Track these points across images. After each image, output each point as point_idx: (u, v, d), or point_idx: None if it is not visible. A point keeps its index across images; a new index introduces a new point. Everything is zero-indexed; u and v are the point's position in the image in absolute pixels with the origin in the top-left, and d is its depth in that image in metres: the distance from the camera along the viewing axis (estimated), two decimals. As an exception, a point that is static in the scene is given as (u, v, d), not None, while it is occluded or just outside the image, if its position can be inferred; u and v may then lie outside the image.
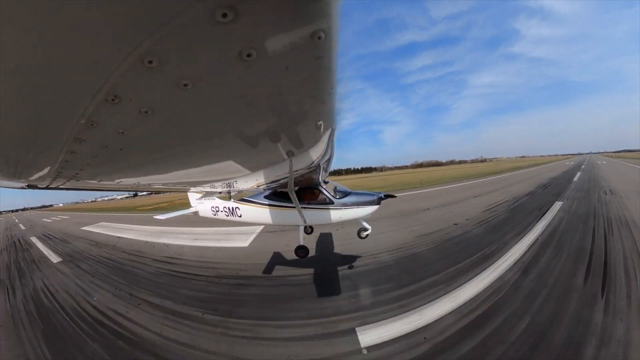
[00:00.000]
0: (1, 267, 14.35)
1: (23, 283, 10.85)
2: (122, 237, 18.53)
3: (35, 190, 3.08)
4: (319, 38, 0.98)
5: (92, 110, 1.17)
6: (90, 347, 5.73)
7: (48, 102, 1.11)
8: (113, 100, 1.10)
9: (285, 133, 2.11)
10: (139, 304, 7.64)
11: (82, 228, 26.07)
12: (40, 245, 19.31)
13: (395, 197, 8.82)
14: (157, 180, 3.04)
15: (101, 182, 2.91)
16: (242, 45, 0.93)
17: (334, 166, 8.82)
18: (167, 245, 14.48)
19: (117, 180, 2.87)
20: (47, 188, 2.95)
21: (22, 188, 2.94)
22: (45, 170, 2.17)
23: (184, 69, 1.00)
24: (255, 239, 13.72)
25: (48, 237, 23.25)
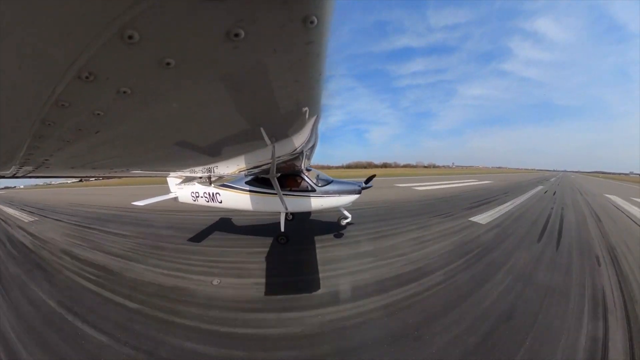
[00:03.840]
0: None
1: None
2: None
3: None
4: (311, 23, 0.93)
5: (62, 89, 1.06)
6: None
7: (9, 79, 0.98)
8: (87, 78, 0.99)
9: (269, 117, 2.05)
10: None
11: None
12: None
13: (374, 177, 9.05)
14: (135, 164, 2.89)
15: (74, 169, 2.71)
16: (230, 25, 0.87)
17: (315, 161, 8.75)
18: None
19: (92, 166, 2.70)
20: (13, 177, 2.72)
21: None
22: (10, 158, 1.99)
23: (167, 47, 0.92)
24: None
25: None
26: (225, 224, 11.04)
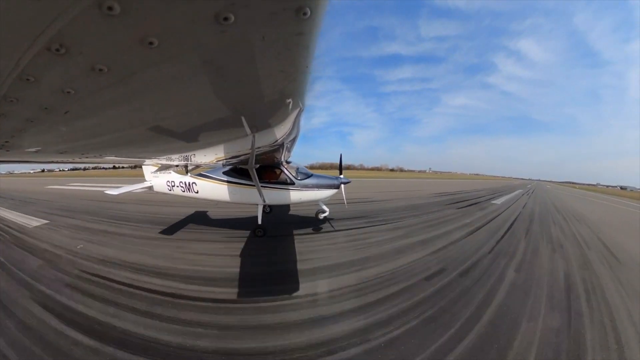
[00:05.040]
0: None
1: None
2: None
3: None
4: (304, 14, 0.91)
5: (28, 62, 0.95)
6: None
7: None
8: (58, 50, 0.89)
9: (251, 106, 1.99)
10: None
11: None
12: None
13: (350, 182, 8.98)
14: (108, 149, 2.69)
15: (39, 153, 2.48)
16: (220, 7, 0.82)
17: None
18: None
19: (59, 150, 2.48)
20: None
21: None
22: None
23: (152, 25, 0.85)
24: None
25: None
26: (200, 216, 10.70)
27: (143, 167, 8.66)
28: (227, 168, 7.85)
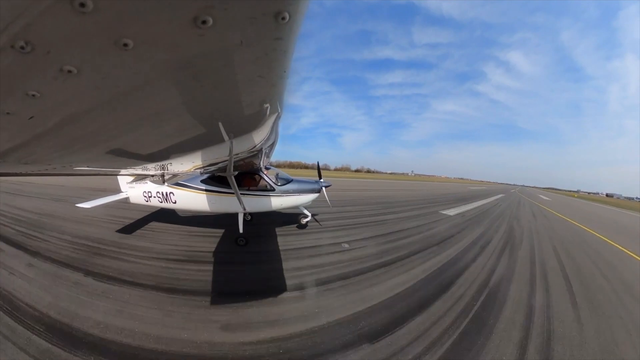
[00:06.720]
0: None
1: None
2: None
3: None
4: (283, 19, 0.91)
5: None
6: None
7: None
8: (23, 48, 0.80)
9: (229, 112, 1.95)
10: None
11: None
12: None
13: (330, 185, 8.94)
14: (77, 159, 2.49)
15: (1, 163, 2.26)
16: (199, 10, 0.80)
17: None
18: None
19: (23, 160, 2.26)
20: None
21: None
22: None
23: (126, 26, 0.81)
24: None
25: None
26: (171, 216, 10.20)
27: (118, 177, 8.16)
28: (205, 176, 7.58)
